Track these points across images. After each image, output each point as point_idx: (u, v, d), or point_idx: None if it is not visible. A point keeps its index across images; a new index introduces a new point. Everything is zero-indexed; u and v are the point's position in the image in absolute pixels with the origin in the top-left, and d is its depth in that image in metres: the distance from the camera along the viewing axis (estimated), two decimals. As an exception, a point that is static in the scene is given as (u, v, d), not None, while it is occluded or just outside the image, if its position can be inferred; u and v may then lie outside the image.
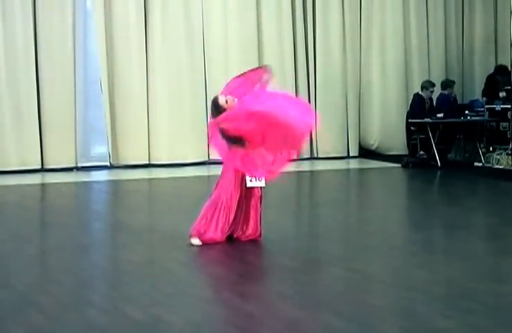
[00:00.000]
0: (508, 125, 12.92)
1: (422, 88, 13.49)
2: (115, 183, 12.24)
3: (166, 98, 13.47)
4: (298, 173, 13.22)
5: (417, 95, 13.53)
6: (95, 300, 5.49)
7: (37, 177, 12.45)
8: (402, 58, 14.85)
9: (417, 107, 13.34)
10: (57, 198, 10.79)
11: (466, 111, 13.56)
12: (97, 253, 7.26)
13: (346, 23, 14.48)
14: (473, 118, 13.38)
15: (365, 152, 14.80)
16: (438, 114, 13.09)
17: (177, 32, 13.49)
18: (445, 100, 13.66)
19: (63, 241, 7.52)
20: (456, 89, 14.15)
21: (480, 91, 14.55)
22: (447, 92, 13.81)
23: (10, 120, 12.70)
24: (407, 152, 13.81)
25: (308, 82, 14.35)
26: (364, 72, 14.70)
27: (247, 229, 7.20)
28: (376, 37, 14.72)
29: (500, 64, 14.65)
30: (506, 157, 12.68)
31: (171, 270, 6.25)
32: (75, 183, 12.07)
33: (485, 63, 15.11)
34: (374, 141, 14.82)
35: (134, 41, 13.28)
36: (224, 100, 7.04)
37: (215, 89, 13.56)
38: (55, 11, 12.87)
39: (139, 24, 13.30)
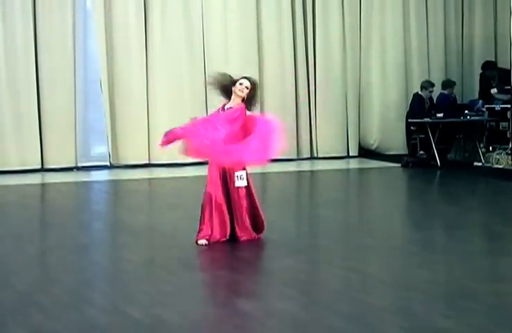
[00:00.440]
0: (508, 124, 12.92)
1: (421, 88, 13.49)
2: (115, 183, 12.25)
3: (166, 98, 13.47)
4: (298, 172, 13.25)
5: (417, 95, 13.53)
6: (95, 300, 5.50)
7: (37, 177, 12.45)
8: (402, 58, 14.84)
9: (417, 106, 13.34)
10: (58, 197, 10.80)
11: (466, 111, 13.56)
12: (97, 253, 7.27)
13: (346, 24, 14.47)
14: (473, 118, 13.38)
15: (365, 152, 14.80)
16: (437, 114, 13.09)
17: (177, 32, 13.49)
18: (444, 100, 13.66)
19: (63, 240, 7.52)
20: (455, 89, 14.14)
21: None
22: (447, 92, 13.80)
23: (10, 120, 12.70)
24: (407, 152, 13.81)
25: (308, 82, 14.35)
26: (364, 72, 14.70)
27: (240, 229, 7.19)
28: (376, 37, 14.71)
29: (486, 60, 14.67)
30: (506, 156, 12.68)
31: (171, 270, 6.25)
32: (75, 183, 12.08)
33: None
34: (374, 140, 14.82)
35: (134, 41, 13.28)
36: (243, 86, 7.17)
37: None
38: (55, 11, 12.87)
39: (139, 24, 13.30)
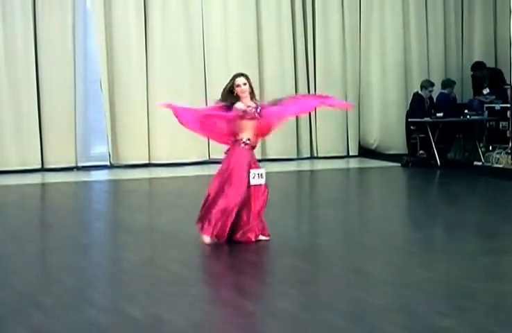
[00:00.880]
0: (508, 124, 12.92)
1: (421, 87, 13.48)
2: (115, 183, 12.25)
3: (166, 98, 13.37)
4: (298, 172, 13.25)
5: (416, 94, 13.52)
6: (95, 300, 5.50)
7: (37, 177, 12.45)
8: (402, 58, 14.82)
9: (417, 106, 13.33)
10: (58, 197, 10.80)
11: (466, 110, 13.55)
12: (97, 253, 7.27)
13: (346, 25, 14.45)
14: (472, 117, 13.37)
15: (365, 151, 14.78)
16: (437, 114, 13.09)
17: (177, 33, 13.47)
18: (444, 100, 13.65)
19: (63, 240, 7.52)
20: (455, 89, 14.14)
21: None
22: (446, 92, 13.79)
23: (10, 120, 12.69)
24: (407, 152, 13.79)
25: (308, 82, 14.34)
26: (364, 72, 14.68)
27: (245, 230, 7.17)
28: (375, 38, 14.69)
29: (476, 60, 14.68)
30: (506, 156, 12.67)
31: (171, 270, 6.25)
32: (75, 183, 12.07)
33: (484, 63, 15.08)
34: (374, 140, 14.81)
35: (134, 41, 13.27)
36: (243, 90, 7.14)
37: (215, 88, 13.64)
38: (55, 11, 12.86)
39: (139, 24, 13.29)
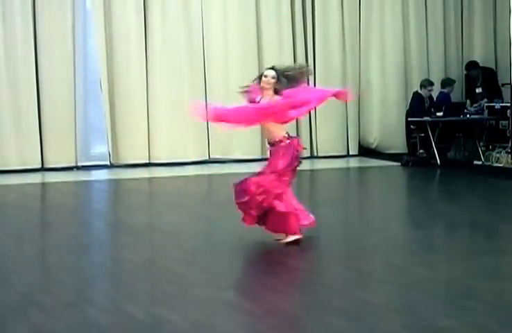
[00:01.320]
0: (508, 123, 12.92)
1: (420, 86, 13.47)
2: (115, 182, 12.25)
3: (166, 97, 13.44)
4: (298, 171, 13.20)
5: (416, 93, 13.51)
6: (96, 299, 5.50)
7: (38, 177, 12.44)
8: (402, 58, 14.80)
9: (417, 105, 13.32)
10: (58, 197, 10.80)
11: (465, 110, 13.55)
12: (98, 252, 7.27)
13: (345, 25, 14.42)
14: (472, 116, 13.38)
15: (365, 150, 14.77)
16: (437, 113, 13.09)
17: (176, 32, 13.45)
18: (444, 99, 13.65)
19: (63, 240, 7.52)
20: (455, 88, 14.13)
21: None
22: (446, 91, 13.79)
23: (10, 120, 12.68)
24: (407, 151, 13.80)
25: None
26: (364, 72, 14.65)
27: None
28: (375, 38, 14.66)
29: (470, 60, 14.68)
30: (506, 155, 12.67)
31: (172, 269, 6.25)
32: (75, 182, 12.07)
33: (484, 62, 15.06)
34: (374, 139, 14.80)
35: (133, 41, 13.25)
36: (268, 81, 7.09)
37: (214, 87, 13.71)
38: (55, 11, 12.84)
39: (139, 24, 13.26)
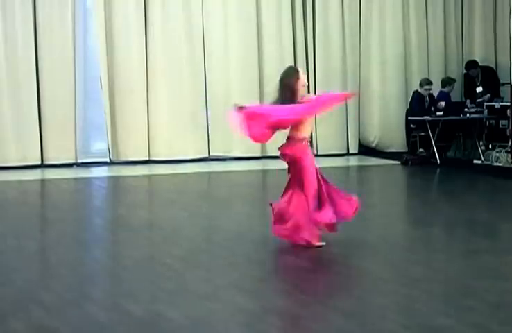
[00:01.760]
0: (508, 122, 12.92)
1: (419, 85, 13.50)
2: (115, 179, 12.25)
3: (166, 95, 13.45)
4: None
5: (416, 92, 13.51)
6: (95, 296, 5.50)
7: (37, 173, 12.43)
8: (402, 56, 14.79)
9: (417, 104, 13.33)
10: (57, 193, 10.80)
11: (465, 109, 13.54)
12: (97, 249, 7.26)
13: (346, 23, 14.41)
14: (472, 115, 13.38)
15: (365, 149, 14.77)
16: (437, 112, 13.09)
17: (177, 31, 13.44)
18: (444, 98, 13.64)
19: (63, 236, 7.53)
20: (455, 88, 14.12)
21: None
22: (446, 90, 13.80)
23: (10, 116, 12.68)
24: (407, 150, 13.81)
25: (308, 82, 14.28)
26: (364, 71, 14.64)
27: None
28: (375, 34, 14.66)
29: (469, 59, 14.68)
30: (505, 154, 12.66)
31: (172, 267, 6.26)
32: (75, 179, 12.06)
33: (484, 61, 15.06)
34: (373, 138, 14.79)
35: (134, 40, 13.22)
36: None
37: (215, 85, 13.72)
38: (55, 11, 12.83)
39: (139, 23, 13.25)
